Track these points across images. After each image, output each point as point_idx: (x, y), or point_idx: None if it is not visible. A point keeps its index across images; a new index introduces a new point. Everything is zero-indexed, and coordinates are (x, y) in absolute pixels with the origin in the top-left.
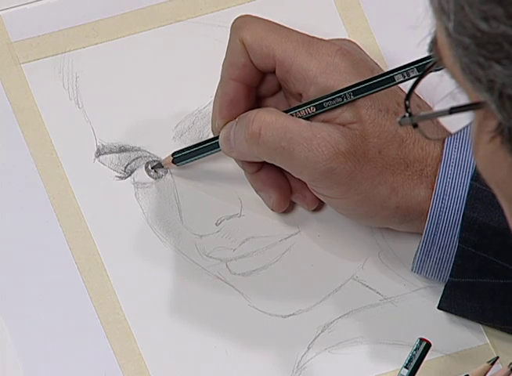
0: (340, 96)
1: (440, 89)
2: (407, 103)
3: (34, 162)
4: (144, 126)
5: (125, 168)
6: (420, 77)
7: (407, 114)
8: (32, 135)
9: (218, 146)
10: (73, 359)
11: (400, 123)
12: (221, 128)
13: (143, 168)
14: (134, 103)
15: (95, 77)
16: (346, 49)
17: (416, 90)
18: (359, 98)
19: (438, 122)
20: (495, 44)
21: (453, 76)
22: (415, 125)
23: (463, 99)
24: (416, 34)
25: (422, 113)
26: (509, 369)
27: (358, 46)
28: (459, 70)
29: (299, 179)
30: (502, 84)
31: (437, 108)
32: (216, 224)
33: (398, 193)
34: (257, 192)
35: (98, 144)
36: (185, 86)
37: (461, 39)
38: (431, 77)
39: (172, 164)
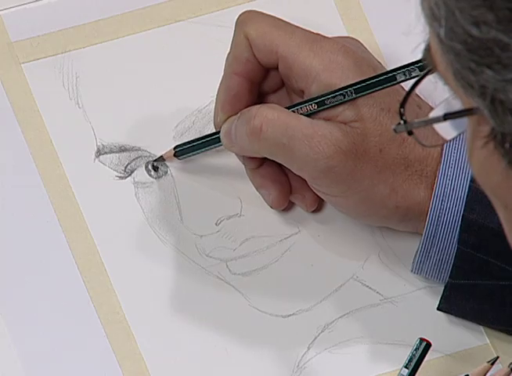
0: (341, 94)
1: (436, 95)
2: (402, 110)
3: (34, 162)
4: (144, 126)
5: (125, 167)
6: (415, 83)
7: (402, 121)
8: (32, 135)
9: (220, 141)
10: (73, 359)
11: (395, 130)
12: (223, 123)
13: (143, 167)
14: (134, 102)
15: (95, 77)
16: (349, 47)
17: (418, 90)
18: (360, 96)
19: None
20: (486, 49)
21: (446, 82)
22: (410, 132)
23: (457, 106)
24: (416, 33)
25: (417, 120)
26: (509, 369)
27: (362, 44)
28: (451, 76)
29: (299, 179)
30: (494, 90)
31: (432, 115)
32: (216, 224)
33: (397, 193)
34: (256, 188)
35: (98, 144)
36: (185, 86)
37: (452, 45)
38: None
39: (173, 158)
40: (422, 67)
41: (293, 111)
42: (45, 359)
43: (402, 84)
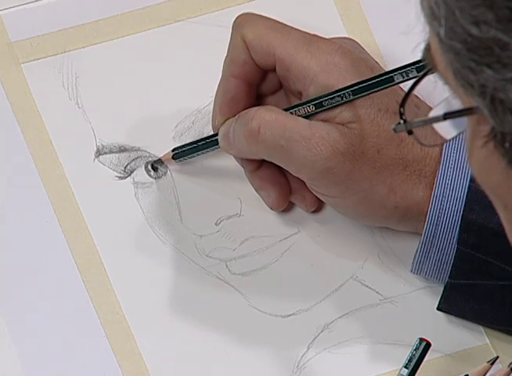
0: (339, 96)
1: (436, 95)
2: (401, 109)
3: (34, 162)
4: (144, 126)
5: (125, 167)
6: (415, 83)
7: (402, 121)
8: (32, 135)
9: (218, 143)
10: (72, 358)
11: (395, 130)
12: (221, 125)
13: (143, 167)
14: (133, 102)
15: (94, 77)
16: (346, 48)
17: (416, 91)
18: (358, 98)
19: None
20: (486, 48)
21: (446, 82)
22: (410, 132)
23: (457, 105)
24: (416, 33)
25: (417, 119)
26: (509, 369)
27: (359, 44)
28: (451, 75)
29: (299, 180)
30: (494, 89)
31: (431, 114)
32: (216, 224)
33: (396, 193)
34: (256, 190)
35: (97, 144)
36: (184, 86)
37: (452, 44)
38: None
39: (171, 160)
40: (420, 68)
41: (292, 113)
42: (45, 359)
43: (399, 84)
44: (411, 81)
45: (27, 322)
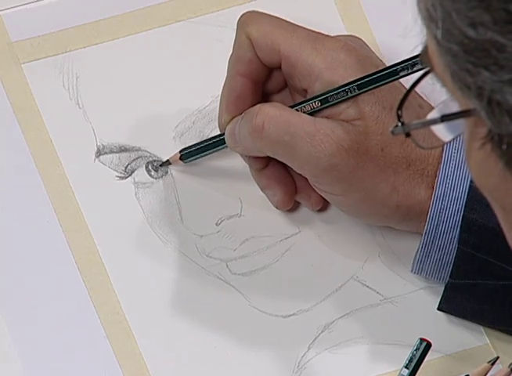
0: (344, 91)
1: (436, 96)
2: (399, 112)
3: (35, 162)
4: (144, 126)
5: (125, 167)
6: (413, 85)
7: (399, 123)
8: (32, 135)
9: (225, 142)
10: (73, 359)
11: (393, 132)
12: (228, 123)
13: (144, 167)
14: (134, 102)
15: (95, 77)
16: (351, 45)
17: (420, 90)
18: (364, 92)
19: None
20: (483, 50)
21: (444, 84)
22: (407, 134)
23: (455, 108)
24: (415, 35)
25: (414, 122)
26: (509, 369)
27: (364, 42)
28: (449, 77)
29: (304, 179)
30: (491, 91)
31: (429, 116)
32: (216, 224)
33: (399, 192)
34: (261, 189)
35: (98, 144)
36: (185, 86)
37: (449, 46)
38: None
39: (180, 161)
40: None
41: (297, 109)
42: (45, 359)
43: (404, 84)
44: (413, 80)
45: (27, 322)
